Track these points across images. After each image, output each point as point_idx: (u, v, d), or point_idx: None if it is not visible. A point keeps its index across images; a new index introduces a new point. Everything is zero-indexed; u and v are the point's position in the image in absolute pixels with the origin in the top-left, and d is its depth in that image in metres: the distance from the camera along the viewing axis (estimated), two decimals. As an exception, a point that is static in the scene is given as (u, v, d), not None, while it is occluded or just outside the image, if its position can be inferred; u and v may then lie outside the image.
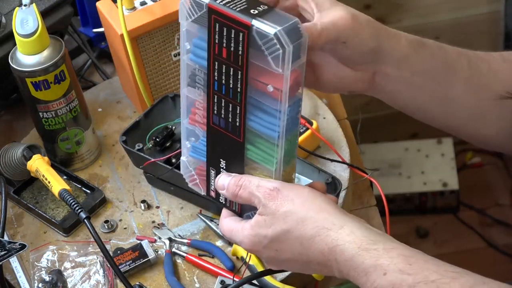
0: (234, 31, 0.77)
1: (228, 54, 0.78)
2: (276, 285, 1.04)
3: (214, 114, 0.83)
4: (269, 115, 0.80)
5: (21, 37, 1.14)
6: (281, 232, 0.80)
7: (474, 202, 2.34)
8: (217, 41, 0.78)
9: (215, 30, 0.78)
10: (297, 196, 0.81)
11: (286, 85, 0.77)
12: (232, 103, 0.81)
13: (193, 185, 0.90)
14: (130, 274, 1.09)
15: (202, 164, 0.88)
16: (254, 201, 0.82)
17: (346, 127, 1.30)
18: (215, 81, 0.81)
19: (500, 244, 2.24)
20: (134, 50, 1.21)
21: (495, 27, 2.29)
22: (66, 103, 1.20)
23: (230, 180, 0.84)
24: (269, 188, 0.81)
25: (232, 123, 0.82)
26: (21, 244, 1.03)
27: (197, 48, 0.82)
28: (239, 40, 0.77)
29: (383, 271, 0.75)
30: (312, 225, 0.79)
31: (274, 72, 0.76)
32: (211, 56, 0.80)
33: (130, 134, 1.20)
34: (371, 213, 1.20)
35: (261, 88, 0.79)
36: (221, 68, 0.80)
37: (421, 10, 2.24)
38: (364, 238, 0.78)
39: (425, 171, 2.32)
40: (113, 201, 1.21)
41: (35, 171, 1.14)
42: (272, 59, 0.76)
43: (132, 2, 1.22)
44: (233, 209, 0.87)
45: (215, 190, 0.87)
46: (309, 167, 1.14)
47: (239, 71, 0.78)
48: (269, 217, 0.81)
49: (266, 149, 0.82)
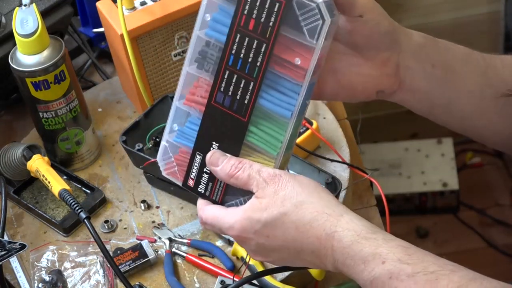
0: (269, 1, 0.78)
1: (255, 26, 0.79)
2: (276, 285, 1.04)
3: (220, 92, 0.82)
4: (283, 94, 0.80)
5: (21, 37, 1.14)
6: (277, 215, 0.78)
7: (474, 202, 2.34)
8: (246, 11, 0.79)
9: (247, 1, 0.79)
10: (298, 183, 0.80)
11: (315, 58, 0.78)
12: (245, 79, 0.81)
13: (168, 174, 0.88)
14: (130, 274, 1.09)
15: (185, 151, 0.86)
16: (252, 183, 0.80)
17: (346, 127, 1.30)
18: (232, 55, 0.81)
19: (500, 244, 2.24)
20: (134, 50, 1.21)
21: (495, 27, 2.29)
22: (66, 103, 1.20)
23: (229, 160, 0.82)
24: (271, 173, 0.80)
25: (240, 101, 0.81)
26: (21, 244, 1.03)
27: (215, 23, 0.82)
28: (273, 10, 0.78)
29: (381, 259, 0.74)
30: (312, 209, 0.78)
31: (306, 44, 0.78)
32: (234, 28, 0.80)
33: (130, 134, 1.20)
34: (371, 213, 1.20)
35: (282, 64, 0.79)
36: (243, 40, 0.80)
37: (421, 10, 2.24)
38: (364, 227, 0.77)
39: (425, 171, 2.32)
40: (113, 201, 1.21)
41: (35, 171, 1.14)
42: (308, 30, 0.77)
43: (132, 2, 1.22)
44: (213, 199, 0.85)
45: (195, 178, 0.86)
46: (309, 167, 1.14)
47: (264, 44, 0.79)
48: (266, 199, 0.79)
49: (272, 132, 0.82)
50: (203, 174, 0.85)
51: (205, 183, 0.86)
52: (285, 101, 0.80)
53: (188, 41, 1.27)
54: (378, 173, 2.25)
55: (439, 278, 0.73)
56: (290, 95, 0.80)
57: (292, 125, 0.81)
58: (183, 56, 1.28)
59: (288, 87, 0.80)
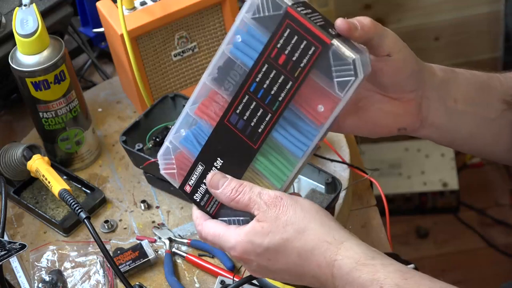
0: (306, 43, 0.76)
1: (285, 62, 0.78)
2: (276, 285, 1.04)
3: (235, 113, 0.81)
4: (298, 132, 0.80)
5: (21, 37, 1.14)
6: (279, 241, 0.79)
7: (474, 202, 2.34)
8: (279, 46, 0.78)
9: (282, 35, 0.77)
10: (300, 207, 0.80)
11: (338, 110, 0.77)
12: (264, 109, 0.80)
13: (166, 173, 0.87)
14: (130, 274, 1.09)
15: (187, 156, 0.85)
16: (253, 206, 0.80)
17: (346, 127, 1.30)
18: (255, 82, 0.79)
19: (500, 244, 2.24)
20: (134, 50, 1.21)
21: (495, 27, 2.29)
22: (66, 103, 1.20)
23: (230, 182, 0.82)
24: (272, 196, 0.80)
25: (253, 128, 0.81)
26: (21, 244, 1.03)
27: (244, 44, 0.80)
28: (308, 53, 0.76)
29: (379, 285, 0.76)
30: (313, 236, 0.79)
31: (332, 95, 0.77)
32: (263, 57, 0.79)
33: (130, 134, 1.20)
34: (371, 213, 1.19)
35: (303, 106, 0.78)
36: (270, 72, 0.79)
37: (421, 10, 2.24)
38: (363, 254, 0.78)
39: (425, 171, 2.32)
40: (113, 201, 1.21)
41: (35, 171, 1.14)
42: (338, 82, 0.76)
43: (132, 2, 1.22)
44: (208, 210, 0.85)
45: (193, 186, 0.85)
46: (309, 167, 1.14)
47: (290, 82, 0.78)
48: (267, 224, 0.79)
49: (279, 165, 0.82)
50: (201, 185, 0.85)
51: (202, 193, 0.85)
52: (299, 139, 0.80)
53: (188, 41, 1.27)
54: (378, 173, 2.25)
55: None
56: (305, 135, 0.80)
57: (301, 163, 0.81)
58: (183, 56, 1.28)
59: (305, 128, 0.79)
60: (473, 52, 2.33)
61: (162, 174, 0.88)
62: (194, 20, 1.26)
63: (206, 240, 0.84)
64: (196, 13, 1.25)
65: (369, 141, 2.37)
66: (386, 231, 1.15)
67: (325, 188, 1.12)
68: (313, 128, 0.79)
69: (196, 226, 0.86)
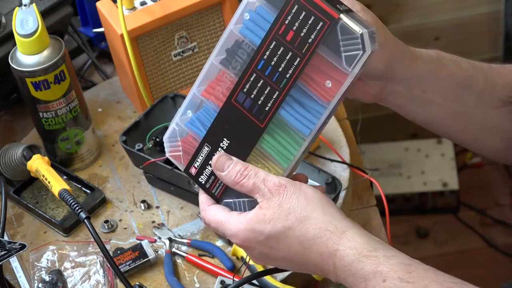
0: (314, 18, 0.76)
1: (293, 38, 0.78)
2: (276, 285, 1.04)
3: (242, 92, 0.81)
4: (305, 110, 0.80)
5: (21, 37, 1.14)
6: (281, 229, 0.79)
7: (474, 202, 2.34)
8: (287, 22, 0.78)
9: (290, 11, 0.78)
10: (303, 195, 0.80)
11: (346, 85, 0.77)
12: (271, 86, 0.80)
13: (172, 156, 0.87)
14: (130, 274, 1.09)
15: (193, 137, 0.86)
16: (257, 192, 0.80)
17: (346, 127, 1.30)
18: (263, 59, 0.80)
19: (500, 244, 2.24)
20: (134, 50, 1.21)
21: (495, 27, 2.29)
22: (66, 103, 1.20)
23: (235, 165, 0.82)
24: (276, 183, 0.80)
25: (260, 106, 0.81)
26: (21, 244, 1.03)
27: (252, 22, 0.81)
28: (316, 28, 0.76)
29: (382, 277, 0.75)
30: (315, 225, 0.78)
31: (340, 70, 0.77)
32: (271, 34, 0.79)
33: (130, 134, 1.20)
34: (371, 213, 1.19)
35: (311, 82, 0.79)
36: (278, 49, 0.79)
37: (421, 10, 2.24)
38: (365, 245, 0.77)
39: (425, 171, 2.32)
40: (113, 201, 1.21)
41: (35, 171, 1.14)
42: (346, 56, 0.76)
43: (132, 2, 1.22)
44: (213, 192, 0.85)
45: (198, 168, 0.85)
46: (309, 167, 1.14)
47: (298, 58, 0.78)
48: (270, 211, 0.79)
49: (286, 144, 0.82)
50: (207, 166, 0.85)
51: (207, 175, 0.85)
52: (307, 117, 0.80)
53: (188, 41, 1.27)
54: (378, 173, 2.25)
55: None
56: (312, 113, 0.80)
57: (308, 142, 0.81)
58: (183, 56, 1.28)
59: (312, 106, 0.80)
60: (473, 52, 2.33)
61: (167, 156, 0.87)
62: (194, 20, 1.26)
63: (210, 225, 0.84)
64: (196, 13, 1.25)
65: (369, 141, 2.37)
66: (386, 231, 1.15)
67: (325, 188, 1.12)
68: (320, 105, 0.79)
69: (200, 211, 0.86)
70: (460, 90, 0.92)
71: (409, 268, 0.76)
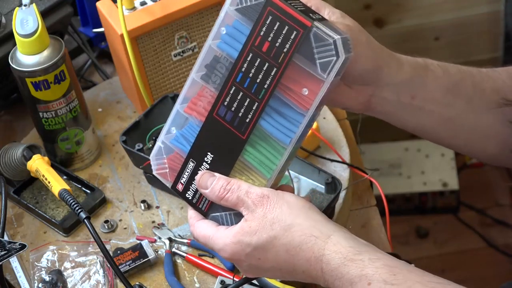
0: (288, 28, 0.78)
1: (269, 49, 0.79)
2: (276, 285, 1.04)
3: (223, 105, 0.83)
4: (285, 120, 0.81)
5: (21, 37, 1.14)
6: (267, 239, 0.80)
7: (474, 202, 2.34)
8: (262, 33, 0.80)
9: (265, 23, 0.79)
10: (285, 203, 0.81)
11: (322, 92, 0.78)
12: (250, 98, 0.81)
13: (159, 174, 0.89)
14: (130, 274, 1.09)
15: (179, 154, 0.87)
16: (241, 206, 0.82)
17: (346, 127, 1.30)
18: (241, 72, 0.81)
19: (500, 244, 2.24)
20: (134, 50, 1.21)
21: (495, 27, 2.29)
22: (66, 103, 1.20)
23: (218, 181, 0.83)
24: (259, 194, 0.81)
25: (241, 118, 0.82)
26: (21, 244, 1.03)
27: (229, 36, 0.82)
28: (290, 38, 0.78)
29: (367, 281, 0.76)
30: (300, 232, 0.79)
31: (316, 77, 0.78)
32: (247, 46, 0.80)
33: (130, 134, 1.20)
34: (371, 213, 1.20)
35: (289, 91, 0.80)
36: (255, 61, 0.80)
37: (421, 10, 2.24)
38: (350, 248, 0.78)
39: (425, 171, 2.32)
40: (113, 201, 1.21)
41: (35, 171, 1.14)
42: (321, 63, 0.77)
43: (132, 2, 1.22)
44: (200, 207, 0.86)
45: (185, 184, 0.86)
46: (309, 167, 1.14)
47: (275, 68, 0.79)
48: (255, 223, 0.80)
49: (268, 154, 0.82)
50: (193, 182, 0.86)
51: (193, 191, 0.86)
52: (287, 127, 0.81)
53: (188, 41, 1.27)
54: (378, 173, 2.25)
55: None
56: (292, 122, 0.81)
57: (289, 151, 0.81)
58: (183, 56, 1.28)
59: (291, 115, 0.81)
60: (473, 52, 2.33)
61: (154, 174, 0.89)
62: (194, 20, 1.26)
63: (198, 240, 0.86)
64: (196, 13, 1.25)
65: (369, 141, 2.37)
66: (386, 231, 1.15)
67: (325, 188, 1.12)
68: (299, 114, 0.80)
69: (189, 226, 0.87)
70: (448, 95, 0.92)
71: (394, 270, 0.76)
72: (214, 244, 0.83)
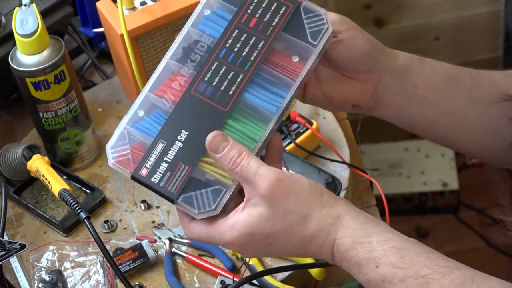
0: (276, 4, 0.84)
1: (256, 24, 0.84)
2: (276, 285, 1.04)
3: (203, 81, 0.83)
4: (269, 91, 0.82)
5: (21, 37, 1.14)
6: (281, 227, 0.78)
7: (474, 202, 2.34)
8: (250, 11, 0.84)
9: (253, 1, 0.84)
10: (300, 190, 0.78)
11: (311, 60, 0.83)
12: (235, 71, 0.82)
13: (118, 162, 0.82)
14: (130, 274, 1.09)
15: (143, 141, 0.82)
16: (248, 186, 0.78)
17: (346, 127, 1.30)
18: (225, 48, 0.83)
19: (500, 244, 2.24)
20: (134, 50, 1.21)
21: (495, 27, 2.29)
22: (66, 103, 1.20)
23: (229, 150, 0.78)
24: (270, 178, 0.77)
25: (223, 92, 0.82)
26: (21, 244, 1.03)
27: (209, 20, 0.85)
28: (279, 12, 0.84)
29: (375, 264, 0.76)
30: (315, 221, 0.78)
31: (305, 45, 0.83)
32: (232, 24, 0.84)
33: (130, 134, 1.19)
34: (371, 213, 1.17)
35: (276, 62, 0.83)
36: (241, 36, 0.84)
37: (421, 10, 2.24)
38: (360, 231, 0.78)
39: (425, 171, 2.32)
40: (113, 201, 1.21)
41: (35, 171, 1.14)
42: (311, 32, 0.83)
43: (132, 2, 1.22)
44: (169, 189, 0.80)
45: (151, 167, 0.81)
46: (309, 167, 1.14)
47: (262, 40, 0.83)
48: (266, 209, 0.77)
49: (252, 126, 0.82)
50: (161, 163, 0.81)
51: (161, 173, 0.81)
52: (271, 98, 0.82)
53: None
54: (378, 173, 2.25)
55: (430, 283, 0.75)
56: (277, 93, 0.82)
57: (274, 121, 0.81)
58: (183, 56, 1.28)
59: (278, 85, 0.82)
60: (473, 52, 2.33)
61: (111, 166, 0.83)
62: (194, 20, 1.26)
63: (200, 241, 0.82)
64: (196, 13, 1.25)
65: (369, 141, 2.37)
66: (386, 230, 1.15)
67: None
68: (286, 83, 0.82)
69: (182, 225, 0.83)
70: (448, 86, 0.93)
71: (402, 252, 0.77)
72: (220, 241, 0.80)
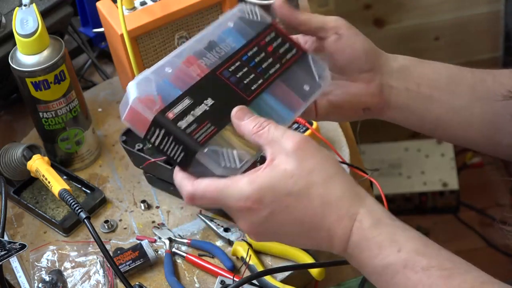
0: (289, 44, 0.90)
1: (273, 51, 0.88)
2: (276, 285, 1.04)
3: (227, 70, 0.84)
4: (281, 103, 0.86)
5: (21, 37, 1.14)
6: (303, 187, 0.73)
7: (474, 202, 2.34)
8: (267, 40, 0.89)
9: (270, 34, 0.89)
10: (327, 154, 0.76)
11: (318, 92, 0.89)
12: (255, 74, 0.85)
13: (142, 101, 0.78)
14: (130, 274, 1.09)
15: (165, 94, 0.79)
16: (273, 147, 0.75)
17: (346, 127, 1.30)
18: (246, 55, 0.86)
19: (500, 244, 2.24)
20: (134, 50, 1.21)
21: (495, 27, 2.29)
22: (66, 103, 1.20)
23: (255, 118, 0.77)
24: (298, 137, 0.75)
25: (246, 85, 0.84)
26: (21, 244, 1.03)
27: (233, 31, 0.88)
28: (291, 51, 0.90)
29: (398, 247, 0.73)
30: (342, 183, 0.74)
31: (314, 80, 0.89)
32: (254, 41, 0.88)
33: (130, 134, 1.20)
34: (371, 213, 1.19)
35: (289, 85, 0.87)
36: (260, 53, 0.87)
37: (421, 10, 2.24)
38: (384, 212, 0.75)
39: (425, 171, 2.32)
40: (113, 201, 1.21)
41: (35, 171, 1.14)
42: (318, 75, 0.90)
43: (132, 2, 1.22)
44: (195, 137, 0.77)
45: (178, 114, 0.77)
46: (309, 167, 1.14)
47: (278, 64, 0.88)
48: (290, 166, 0.73)
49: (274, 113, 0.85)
50: (188, 115, 0.78)
51: (188, 122, 0.77)
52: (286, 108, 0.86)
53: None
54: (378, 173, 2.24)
55: (453, 276, 0.72)
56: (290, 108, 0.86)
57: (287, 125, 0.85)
58: (183, 56, 1.28)
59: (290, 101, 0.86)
60: (473, 52, 2.33)
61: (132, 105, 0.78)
62: (194, 20, 1.26)
63: (202, 199, 0.76)
64: (196, 13, 1.25)
65: (369, 141, 2.37)
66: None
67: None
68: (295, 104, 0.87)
69: (183, 187, 0.77)
70: (451, 83, 0.94)
71: (426, 242, 0.74)
72: (232, 195, 0.74)
